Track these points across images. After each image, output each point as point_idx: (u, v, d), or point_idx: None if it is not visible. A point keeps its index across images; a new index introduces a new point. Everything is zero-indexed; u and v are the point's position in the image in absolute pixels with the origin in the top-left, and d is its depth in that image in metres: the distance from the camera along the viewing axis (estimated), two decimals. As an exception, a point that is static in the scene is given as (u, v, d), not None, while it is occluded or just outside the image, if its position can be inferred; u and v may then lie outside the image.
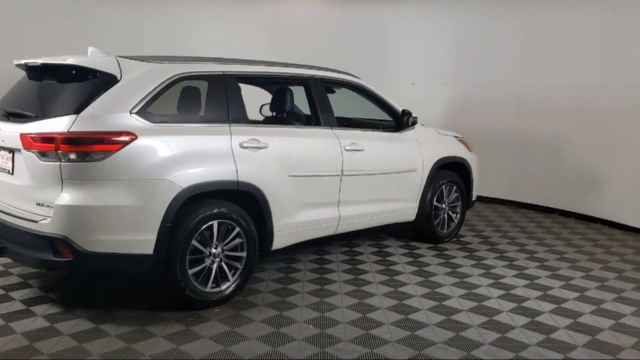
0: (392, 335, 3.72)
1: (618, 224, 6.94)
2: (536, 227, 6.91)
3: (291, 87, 5.29)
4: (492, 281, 4.82)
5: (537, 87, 7.74)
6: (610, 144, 6.97)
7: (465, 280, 4.83)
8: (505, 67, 8.06)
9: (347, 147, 4.89)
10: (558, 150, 7.59)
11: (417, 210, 5.69)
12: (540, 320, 4.05)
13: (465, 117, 8.39)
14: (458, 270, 5.11)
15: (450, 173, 6.02)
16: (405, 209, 5.58)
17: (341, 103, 6.26)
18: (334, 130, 4.90)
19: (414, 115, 5.53)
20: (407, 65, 8.87)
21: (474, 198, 6.39)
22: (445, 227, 6.02)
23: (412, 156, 5.55)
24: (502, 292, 4.58)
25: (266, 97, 5.66)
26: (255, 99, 5.68)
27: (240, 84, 4.42)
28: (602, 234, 6.66)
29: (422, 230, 5.90)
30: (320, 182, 4.71)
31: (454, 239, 6.14)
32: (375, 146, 5.22)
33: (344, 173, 4.86)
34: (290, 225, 4.53)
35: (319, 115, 4.88)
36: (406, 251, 5.67)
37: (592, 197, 7.26)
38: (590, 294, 4.60)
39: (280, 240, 4.50)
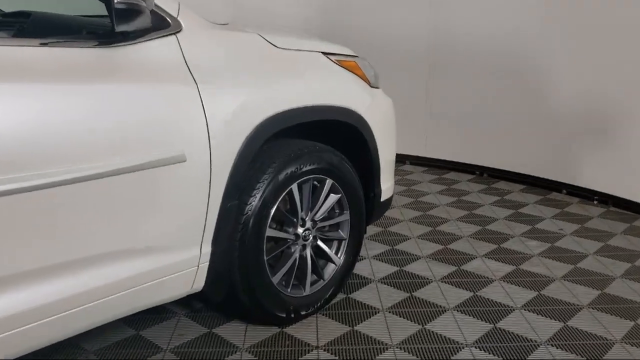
0: None
1: None
2: (529, 236, 3.35)
3: None
4: None
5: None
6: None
7: None
8: None
9: None
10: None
11: (208, 260, 2.08)
12: None
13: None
14: None
15: (315, 149, 2.38)
16: (167, 269, 1.93)
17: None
18: None
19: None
20: None
21: (385, 196, 2.76)
22: (307, 281, 2.43)
23: (164, 119, 1.85)
24: None
25: None
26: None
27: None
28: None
29: (238, 303, 2.32)
30: None
31: (334, 301, 2.58)
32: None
33: None
34: None
35: None
36: (185, 374, 2.11)
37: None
38: None
39: None
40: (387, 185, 2.74)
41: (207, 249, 2.04)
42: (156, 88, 1.85)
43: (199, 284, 2.07)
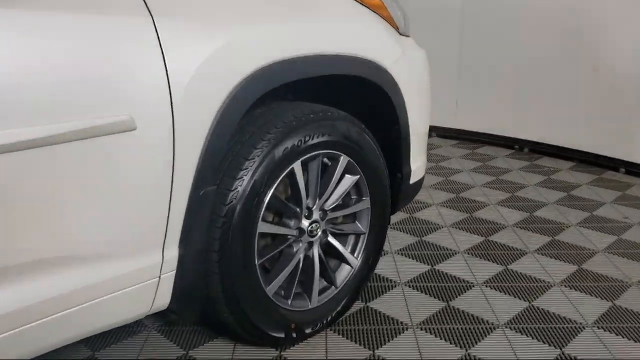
0: None
1: None
2: (588, 225, 2.74)
3: None
4: None
5: None
6: None
7: None
8: None
9: None
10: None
11: (174, 268, 1.50)
12: None
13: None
14: None
15: (326, 115, 1.76)
16: (113, 283, 1.36)
17: None
18: None
19: None
20: None
21: (415, 178, 2.15)
22: (314, 289, 1.84)
23: (103, 68, 1.25)
24: None
25: None
26: None
27: None
28: None
29: (220, 323, 1.75)
30: None
31: (349, 313, 2.00)
32: None
33: None
34: None
35: None
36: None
37: None
38: None
39: None
40: (417, 165, 2.13)
41: (173, 252, 1.46)
42: (92, 22, 1.24)
43: (163, 300, 1.49)
